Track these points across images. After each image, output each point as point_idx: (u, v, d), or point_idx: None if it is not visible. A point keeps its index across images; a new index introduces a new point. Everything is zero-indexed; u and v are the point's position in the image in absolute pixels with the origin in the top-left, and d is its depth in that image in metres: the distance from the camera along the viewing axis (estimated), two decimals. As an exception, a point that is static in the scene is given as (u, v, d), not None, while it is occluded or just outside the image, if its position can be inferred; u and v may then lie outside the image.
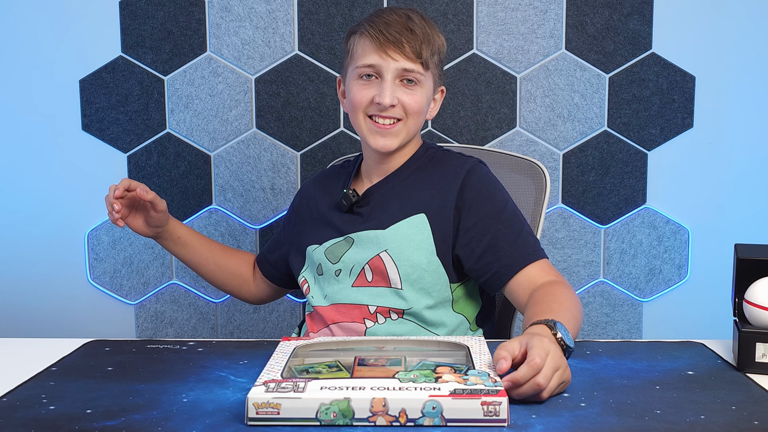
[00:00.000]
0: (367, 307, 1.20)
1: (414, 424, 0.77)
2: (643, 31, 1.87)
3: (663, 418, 0.80)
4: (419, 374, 0.84)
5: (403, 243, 1.20)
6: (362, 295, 1.21)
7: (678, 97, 1.89)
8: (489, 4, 1.86)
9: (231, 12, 1.87)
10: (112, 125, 1.90)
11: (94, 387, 0.91)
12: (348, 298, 1.22)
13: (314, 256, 1.28)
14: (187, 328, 1.96)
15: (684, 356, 1.03)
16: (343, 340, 1.01)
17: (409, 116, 1.22)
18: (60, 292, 1.95)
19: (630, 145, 1.90)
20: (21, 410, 0.83)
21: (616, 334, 1.95)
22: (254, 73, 1.89)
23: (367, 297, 1.20)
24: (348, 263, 1.23)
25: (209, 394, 0.88)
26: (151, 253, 1.93)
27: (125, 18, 1.87)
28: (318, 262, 1.27)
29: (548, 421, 0.79)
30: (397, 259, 1.19)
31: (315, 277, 1.28)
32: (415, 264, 1.19)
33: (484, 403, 0.77)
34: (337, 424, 0.77)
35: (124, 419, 0.80)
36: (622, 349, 1.06)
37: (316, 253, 1.28)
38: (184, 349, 1.07)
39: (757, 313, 0.97)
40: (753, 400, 0.86)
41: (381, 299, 1.20)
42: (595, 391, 0.88)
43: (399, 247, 1.20)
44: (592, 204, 1.92)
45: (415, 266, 1.19)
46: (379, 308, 1.20)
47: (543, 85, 1.89)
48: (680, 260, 1.94)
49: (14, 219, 1.93)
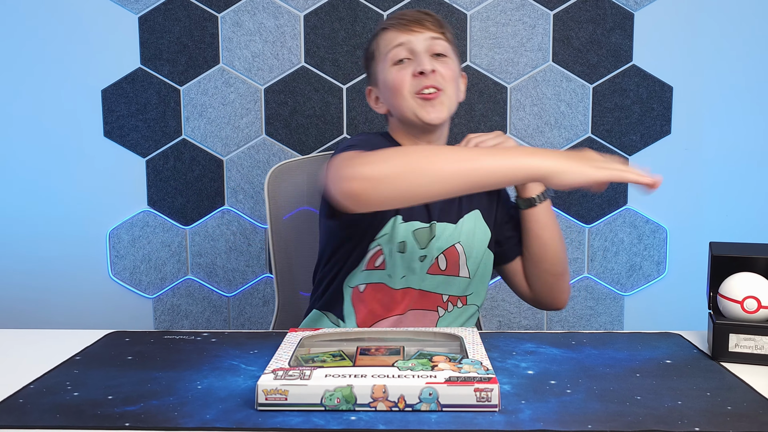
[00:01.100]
0: (441, 296, 1.19)
1: (412, 409, 0.77)
2: (625, 44, 1.87)
3: (643, 403, 0.80)
4: (417, 363, 0.84)
5: (470, 237, 1.21)
6: (436, 284, 1.19)
7: (657, 106, 1.89)
8: (481, 19, 1.86)
9: (242, 27, 1.86)
10: (132, 132, 1.90)
11: (115, 375, 0.91)
12: (424, 285, 1.18)
13: (400, 230, 1.15)
14: (201, 320, 1.96)
15: (662, 346, 1.03)
16: (345, 330, 1.01)
17: (447, 84, 1.19)
18: (83, 287, 1.95)
19: (612, 150, 1.90)
20: (47, 396, 0.83)
21: (600, 326, 1.95)
22: (264, 83, 1.89)
23: (441, 286, 1.19)
24: (433, 251, 1.17)
25: (222, 382, 0.87)
26: (168, 250, 1.93)
27: (144, 32, 1.87)
28: (403, 239, 1.15)
29: (536, 407, 0.79)
30: (468, 251, 1.21)
31: (393, 253, 1.15)
32: (478, 257, 1.22)
33: (477, 390, 0.77)
34: (340, 409, 0.77)
35: (143, 405, 0.80)
36: (605, 340, 1.06)
37: (402, 227, 1.15)
38: (198, 339, 1.07)
39: (730, 306, 0.97)
40: (726, 386, 0.86)
41: (452, 288, 1.20)
42: (579, 378, 0.88)
43: (468, 240, 1.21)
44: (577, 205, 1.92)
45: (478, 259, 1.22)
46: (450, 297, 1.20)
47: (531, 95, 1.89)
48: (659, 257, 1.94)
49: (42, 219, 1.93)
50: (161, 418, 0.76)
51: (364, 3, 1.85)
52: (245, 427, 0.74)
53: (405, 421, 0.74)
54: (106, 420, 0.76)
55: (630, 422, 0.74)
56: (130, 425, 0.74)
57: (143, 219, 1.93)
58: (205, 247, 1.93)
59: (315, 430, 0.73)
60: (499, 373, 0.90)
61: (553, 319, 1.96)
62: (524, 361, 0.95)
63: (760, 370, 0.92)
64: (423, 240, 1.17)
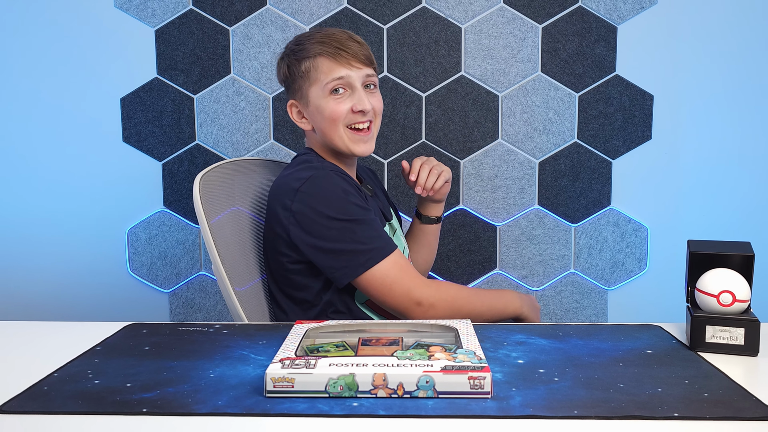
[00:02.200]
0: None
1: (410, 396, 0.77)
2: (608, 56, 1.87)
3: (625, 390, 0.80)
4: (414, 353, 0.84)
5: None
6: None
7: (638, 113, 1.89)
8: (475, 32, 1.86)
9: (251, 40, 1.86)
10: (149, 137, 1.90)
11: (133, 364, 0.91)
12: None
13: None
14: (213, 313, 1.96)
15: (644, 337, 1.02)
16: (348, 322, 1.01)
17: (376, 117, 1.22)
18: (104, 282, 1.95)
19: (597, 154, 1.90)
20: (70, 384, 0.83)
21: (585, 318, 1.95)
22: (272, 92, 1.88)
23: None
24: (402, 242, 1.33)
25: (233, 370, 0.87)
26: (183, 248, 1.93)
27: (160, 45, 1.87)
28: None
29: (526, 393, 0.78)
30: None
31: None
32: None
33: (470, 378, 0.77)
34: (343, 396, 0.77)
35: (159, 392, 0.80)
36: (590, 331, 1.06)
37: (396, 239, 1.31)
38: (211, 331, 1.07)
39: (706, 300, 0.97)
40: (703, 375, 0.86)
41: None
42: (566, 367, 0.88)
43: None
44: (564, 205, 1.92)
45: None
46: None
47: (521, 103, 1.88)
48: (640, 254, 1.94)
49: (65, 218, 1.93)
50: (176, 405, 0.76)
51: (365, 17, 1.85)
52: (254, 412, 0.74)
53: (403, 407, 0.74)
54: (124, 406, 0.76)
55: (613, 408, 0.74)
56: (147, 411, 0.74)
57: (159, 219, 1.93)
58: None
59: (320, 415, 0.73)
60: (492, 362, 0.90)
61: (542, 312, 1.96)
62: (515, 351, 0.95)
63: (734, 360, 0.92)
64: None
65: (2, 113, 1.90)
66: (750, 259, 0.98)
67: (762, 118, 1.89)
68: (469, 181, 1.90)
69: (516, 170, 1.90)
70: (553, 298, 1.95)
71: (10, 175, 1.92)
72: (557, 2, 1.85)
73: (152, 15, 1.86)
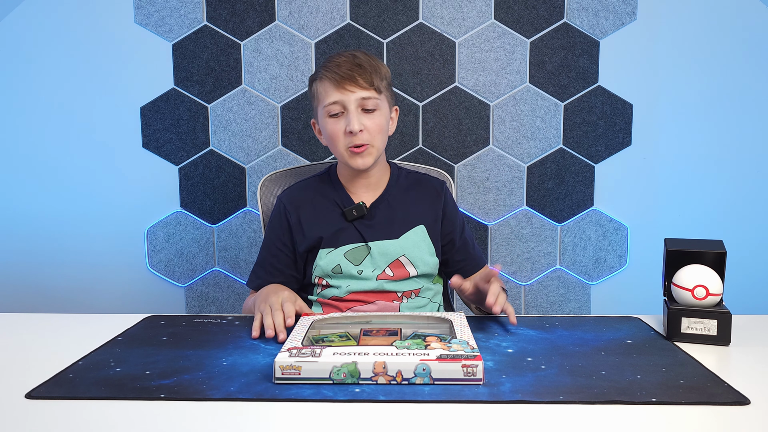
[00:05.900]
0: (396, 293, 1.20)
1: (408, 382, 0.77)
2: (591, 68, 1.87)
3: (607, 377, 0.80)
4: (412, 343, 0.84)
5: (416, 248, 1.21)
6: (389, 285, 1.20)
7: (619, 121, 1.89)
8: (468, 46, 1.86)
9: (261, 53, 1.86)
10: (167, 143, 1.90)
11: (152, 353, 0.91)
12: (376, 288, 1.19)
13: (330, 258, 1.20)
14: (226, 306, 1.95)
15: (624, 328, 1.03)
16: (351, 315, 1.01)
17: (374, 137, 1.18)
18: (125, 277, 1.95)
19: (581, 159, 1.90)
20: (93, 371, 0.83)
21: (570, 311, 1.95)
22: (280, 101, 1.88)
23: (393, 286, 1.20)
24: (369, 266, 1.19)
25: (244, 359, 0.87)
26: (198, 245, 1.93)
27: (177, 57, 1.87)
28: (336, 263, 1.19)
29: (515, 380, 0.79)
30: (413, 260, 1.21)
31: (331, 276, 1.20)
32: (427, 262, 1.21)
33: (464, 366, 0.77)
34: (346, 382, 0.77)
35: (176, 379, 0.80)
36: (574, 323, 1.06)
37: (332, 256, 1.20)
38: (224, 322, 1.07)
39: (682, 293, 0.97)
40: (679, 363, 0.86)
41: (403, 287, 1.21)
42: (552, 356, 0.88)
43: (413, 251, 1.21)
44: (551, 206, 1.92)
45: (428, 264, 1.21)
46: (404, 292, 1.21)
47: (511, 111, 1.88)
48: (621, 251, 1.94)
49: (88, 218, 1.93)
50: (192, 390, 0.76)
51: (366, 32, 1.85)
52: (264, 397, 0.74)
53: (402, 393, 0.74)
54: (144, 392, 0.76)
55: (596, 393, 0.74)
56: (165, 396, 0.74)
57: (176, 218, 1.93)
58: (229, 243, 1.93)
59: (324, 400, 0.73)
60: (483, 351, 0.90)
61: (530, 305, 1.96)
62: (505, 341, 0.95)
63: (707, 349, 0.92)
64: (358, 258, 1.19)
65: (39, 125, 1.90)
66: (722, 256, 0.99)
67: (732, 125, 1.89)
68: (463, 184, 1.91)
69: (506, 174, 1.90)
70: (540, 292, 1.95)
71: (44, 178, 1.92)
72: (544, 18, 1.85)
73: (170, 30, 1.86)
